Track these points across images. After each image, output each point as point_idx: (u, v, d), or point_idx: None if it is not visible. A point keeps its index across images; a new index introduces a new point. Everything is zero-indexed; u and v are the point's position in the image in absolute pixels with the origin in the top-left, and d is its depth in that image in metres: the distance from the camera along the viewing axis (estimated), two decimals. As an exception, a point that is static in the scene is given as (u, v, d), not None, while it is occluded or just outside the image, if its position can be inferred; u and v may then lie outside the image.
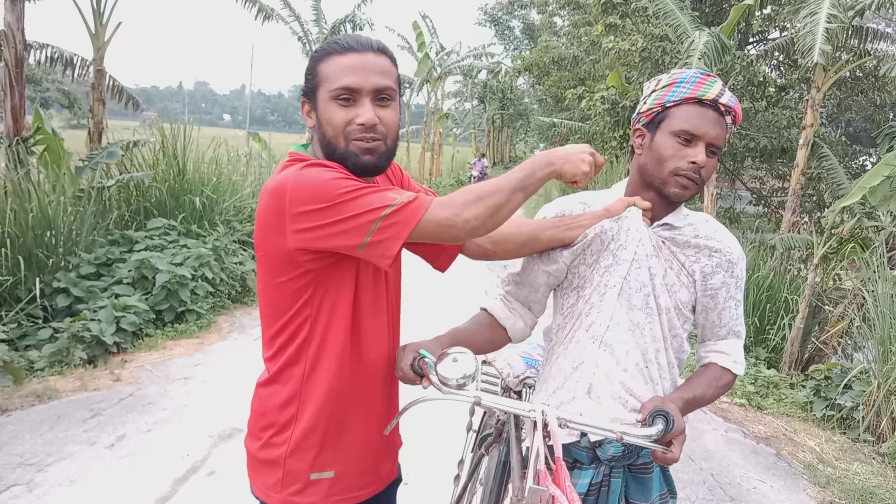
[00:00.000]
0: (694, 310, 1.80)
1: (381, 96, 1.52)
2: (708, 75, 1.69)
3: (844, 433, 5.31)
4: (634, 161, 1.79)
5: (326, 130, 1.52)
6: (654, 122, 1.72)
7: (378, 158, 1.54)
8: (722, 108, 1.67)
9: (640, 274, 1.72)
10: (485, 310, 1.93)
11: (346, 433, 1.62)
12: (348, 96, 1.49)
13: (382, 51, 1.55)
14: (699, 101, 1.66)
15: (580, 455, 1.76)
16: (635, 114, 1.80)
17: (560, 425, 1.45)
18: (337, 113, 1.50)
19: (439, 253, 1.81)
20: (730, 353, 1.82)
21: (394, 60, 1.58)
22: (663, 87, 1.72)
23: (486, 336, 1.88)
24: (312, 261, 1.48)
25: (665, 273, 1.74)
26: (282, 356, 1.57)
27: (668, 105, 1.69)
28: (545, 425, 1.45)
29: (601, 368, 1.73)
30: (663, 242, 1.75)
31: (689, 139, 1.66)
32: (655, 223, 1.76)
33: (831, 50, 7.43)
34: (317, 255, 1.47)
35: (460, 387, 1.46)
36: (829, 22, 6.95)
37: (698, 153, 1.65)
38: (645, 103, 1.76)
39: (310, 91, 1.56)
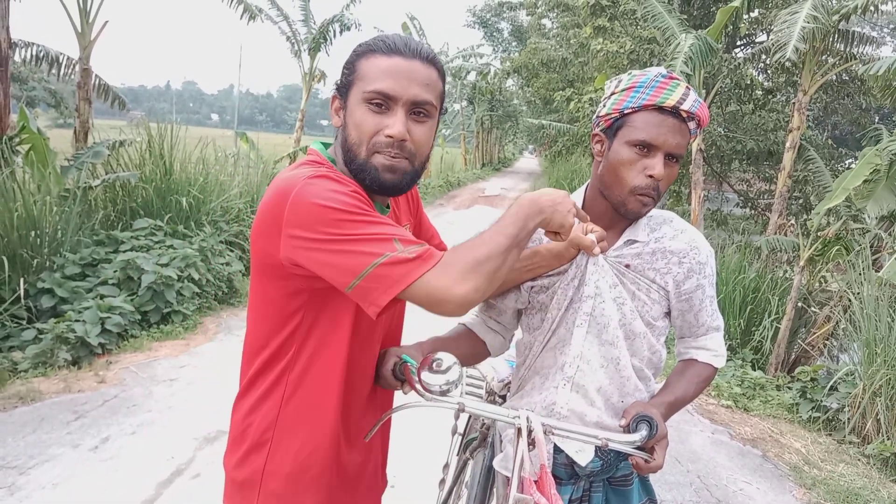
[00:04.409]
0: (668, 315, 1.75)
1: (418, 110, 1.38)
2: (670, 77, 1.58)
3: (830, 435, 5.34)
4: (594, 167, 1.69)
5: (350, 134, 1.39)
6: (612, 128, 1.62)
7: (401, 179, 1.39)
8: (684, 115, 1.57)
9: (606, 308, 1.66)
10: (464, 325, 1.90)
11: (328, 471, 1.50)
12: (381, 102, 1.35)
13: (432, 61, 1.41)
14: (659, 108, 1.55)
15: (558, 471, 1.72)
16: (595, 116, 1.70)
17: (545, 432, 1.44)
18: (366, 118, 1.36)
19: None
20: (710, 349, 1.79)
21: (442, 74, 1.44)
22: (622, 91, 1.60)
23: (467, 349, 1.83)
24: (305, 279, 1.35)
25: (633, 297, 1.67)
26: (260, 379, 1.47)
27: (625, 111, 1.58)
28: (529, 432, 1.43)
29: (574, 412, 1.69)
30: (626, 266, 1.67)
31: (647, 149, 1.56)
32: (619, 241, 1.68)
33: (806, 48, 7.49)
34: (311, 274, 1.32)
35: (444, 393, 1.42)
36: (807, 22, 7.00)
37: (656, 165, 1.55)
38: (604, 107, 1.65)
39: (343, 87, 1.42)
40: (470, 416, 2.34)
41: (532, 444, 1.42)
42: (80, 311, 5.41)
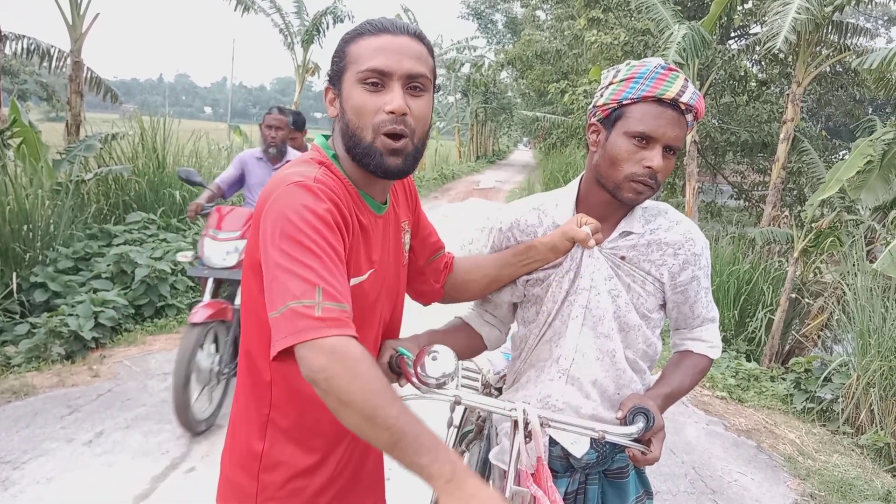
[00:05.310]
0: (663, 307, 1.75)
1: (414, 84, 1.36)
2: (669, 69, 1.56)
3: (824, 425, 5.36)
4: (589, 157, 1.68)
5: (350, 119, 1.35)
6: (610, 119, 1.60)
7: (404, 161, 1.37)
8: (683, 107, 1.56)
9: (602, 300, 1.65)
10: (460, 318, 1.89)
11: (329, 471, 1.48)
12: (377, 80, 1.33)
13: (419, 37, 1.40)
14: (658, 100, 1.54)
15: (554, 464, 1.71)
16: (590, 106, 1.68)
17: (542, 425, 1.43)
18: (364, 99, 1.33)
19: (423, 292, 1.77)
20: (705, 340, 1.79)
21: (430, 49, 1.43)
22: (621, 82, 1.59)
23: (463, 341, 1.82)
24: None
25: (628, 289, 1.67)
26: (251, 380, 1.44)
27: (624, 102, 1.57)
28: (526, 425, 1.42)
29: (570, 405, 1.69)
30: (622, 258, 1.67)
31: (645, 141, 1.54)
32: (614, 233, 1.68)
33: (797, 39, 7.51)
34: None
35: (440, 385, 1.41)
36: (798, 13, 7.00)
37: (654, 157, 1.53)
38: (601, 96, 1.63)
39: (335, 76, 1.40)
40: (465, 409, 2.34)
41: (528, 436, 1.42)
42: (74, 305, 5.39)
